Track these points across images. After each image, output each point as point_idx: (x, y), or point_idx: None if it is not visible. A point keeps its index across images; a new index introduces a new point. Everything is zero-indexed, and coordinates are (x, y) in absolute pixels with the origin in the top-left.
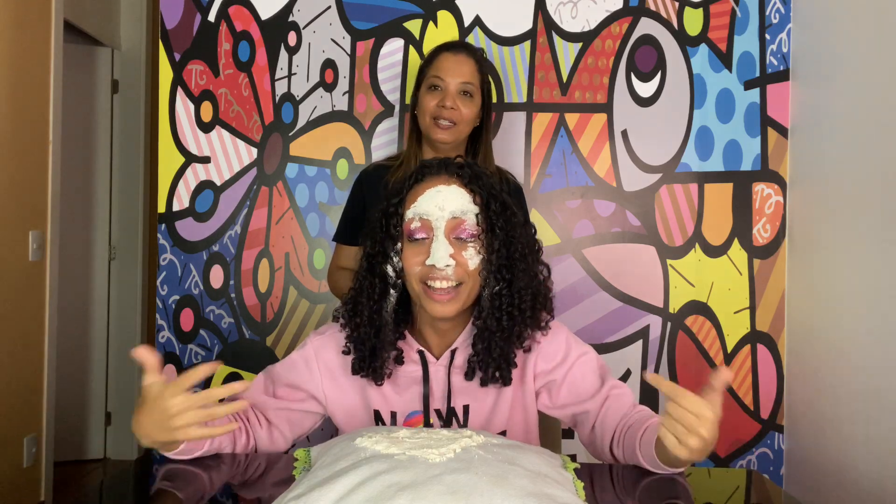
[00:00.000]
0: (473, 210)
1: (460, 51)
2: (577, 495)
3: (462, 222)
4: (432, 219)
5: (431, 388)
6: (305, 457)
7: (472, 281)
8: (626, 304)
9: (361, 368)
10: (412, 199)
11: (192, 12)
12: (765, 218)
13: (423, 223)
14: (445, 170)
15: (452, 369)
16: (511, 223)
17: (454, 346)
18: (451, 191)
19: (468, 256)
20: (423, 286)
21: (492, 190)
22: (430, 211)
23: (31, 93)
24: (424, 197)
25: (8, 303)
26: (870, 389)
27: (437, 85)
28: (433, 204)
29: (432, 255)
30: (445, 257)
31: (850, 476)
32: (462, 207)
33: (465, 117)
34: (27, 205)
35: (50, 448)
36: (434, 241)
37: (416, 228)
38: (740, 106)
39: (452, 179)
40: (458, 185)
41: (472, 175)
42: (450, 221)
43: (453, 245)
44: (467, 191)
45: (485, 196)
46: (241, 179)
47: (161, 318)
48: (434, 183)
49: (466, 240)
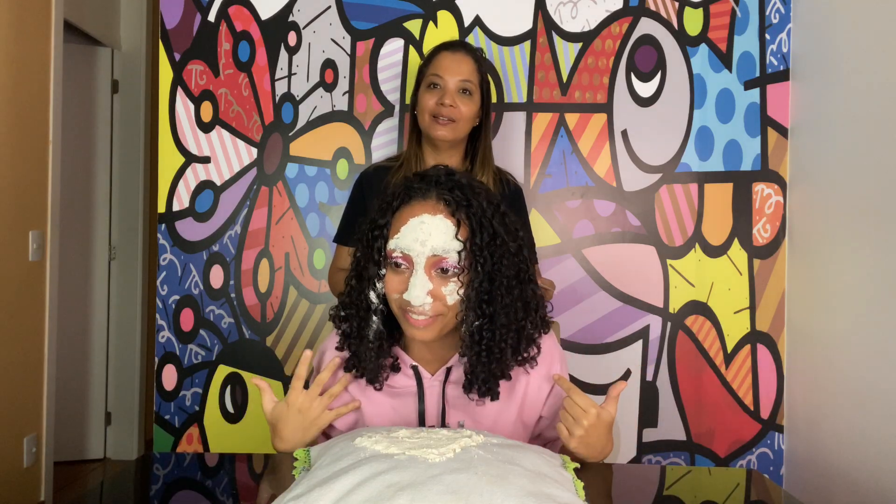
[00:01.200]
0: (456, 247)
1: (459, 49)
2: (577, 495)
3: (443, 259)
4: (413, 254)
5: (426, 405)
6: (305, 457)
7: (452, 313)
8: (626, 304)
9: (355, 367)
10: (396, 226)
11: (192, 12)
12: (765, 218)
13: (403, 256)
14: (435, 190)
15: (447, 385)
16: (498, 254)
17: (449, 364)
18: (435, 223)
19: (447, 292)
20: (402, 312)
21: (481, 218)
22: (411, 246)
23: (31, 93)
24: (408, 228)
25: (8, 303)
26: (870, 389)
27: (437, 83)
28: (415, 238)
29: (409, 291)
30: (422, 296)
31: (850, 476)
32: (444, 245)
33: (465, 115)
34: (27, 205)
35: (50, 448)
36: (413, 276)
37: (398, 258)
38: (740, 106)
39: (439, 207)
40: (445, 216)
41: (462, 199)
42: (430, 258)
43: (433, 280)
44: (453, 222)
45: (472, 226)
46: (241, 179)
47: (161, 318)
48: (419, 210)
49: (447, 274)
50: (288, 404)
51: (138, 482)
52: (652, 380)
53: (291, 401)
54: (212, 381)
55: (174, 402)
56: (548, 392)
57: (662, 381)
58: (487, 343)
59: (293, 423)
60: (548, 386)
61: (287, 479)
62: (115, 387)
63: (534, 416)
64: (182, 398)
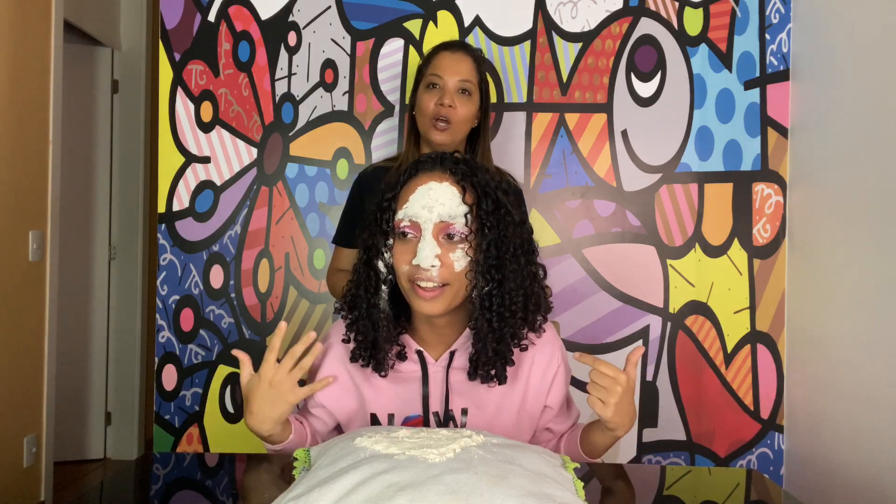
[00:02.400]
0: (463, 211)
1: (458, 49)
2: (577, 495)
3: (450, 225)
4: (420, 220)
5: (430, 389)
6: (305, 457)
7: (458, 282)
8: (626, 304)
9: (362, 357)
10: (404, 196)
11: (192, 12)
12: (765, 218)
13: (412, 224)
14: (440, 165)
15: (451, 371)
16: (504, 222)
17: (453, 347)
18: (442, 189)
19: (455, 258)
20: (411, 284)
21: (486, 188)
22: (418, 213)
23: (31, 93)
24: (415, 196)
25: (8, 303)
26: (870, 389)
27: (436, 83)
28: (422, 205)
29: (418, 254)
30: (430, 258)
31: (850, 476)
32: (451, 211)
33: (463, 116)
34: (27, 205)
35: (50, 448)
36: (421, 241)
37: (406, 227)
38: (740, 106)
39: (445, 176)
40: (451, 183)
41: (467, 171)
42: (437, 224)
43: (441, 245)
44: (459, 188)
45: (477, 193)
46: (241, 179)
47: (161, 318)
48: (426, 179)
49: (455, 240)
50: (259, 377)
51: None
52: (652, 380)
53: (263, 373)
54: (212, 381)
55: (174, 402)
56: (551, 378)
57: (662, 381)
58: (498, 308)
59: (263, 397)
60: (551, 372)
61: (287, 479)
62: (115, 387)
63: (538, 405)
64: (182, 398)
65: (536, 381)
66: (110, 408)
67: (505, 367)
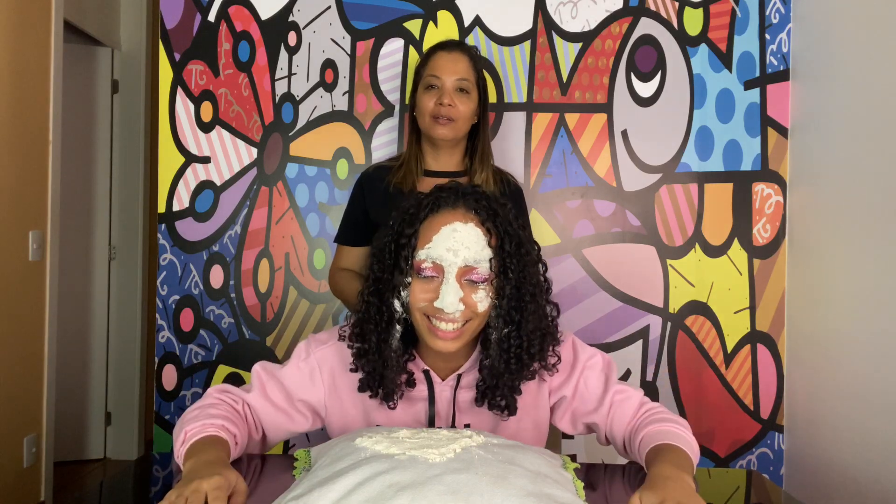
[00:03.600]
0: (487, 256)
1: (454, 49)
2: (577, 495)
3: (474, 270)
4: (445, 264)
5: (437, 408)
6: (305, 457)
7: (480, 319)
8: (626, 304)
9: (370, 388)
10: (426, 235)
11: (192, 12)
12: (765, 218)
13: (434, 266)
14: (462, 200)
15: (459, 391)
16: (524, 262)
17: (461, 370)
18: (467, 231)
19: (478, 299)
20: (427, 321)
21: (508, 228)
22: (443, 256)
23: (31, 93)
24: (439, 237)
25: (8, 303)
26: (870, 389)
27: (434, 84)
28: (447, 247)
29: (442, 298)
30: (455, 303)
31: (850, 476)
32: (476, 256)
33: (463, 113)
34: (27, 205)
35: (50, 448)
36: (444, 285)
37: (428, 269)
38: (740, 106)
39: (469, 216)
40: (475, 224)
41: (489, 212)
42: (462, 269)
43: (463, 287)
44: (483, 231)
45: (500, 237)
46: (241, 179)
47: (161, 318)
48: (450, 219)
49: (477, 284)
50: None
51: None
52: (652, 380)
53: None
54: (212, 382)
55: (174, 402)
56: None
57: (662, 381)
58: (516, 350)
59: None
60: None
61: (287, 479)
62: (115, 387)
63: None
64: (182, 398)
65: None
66: (110, 408)
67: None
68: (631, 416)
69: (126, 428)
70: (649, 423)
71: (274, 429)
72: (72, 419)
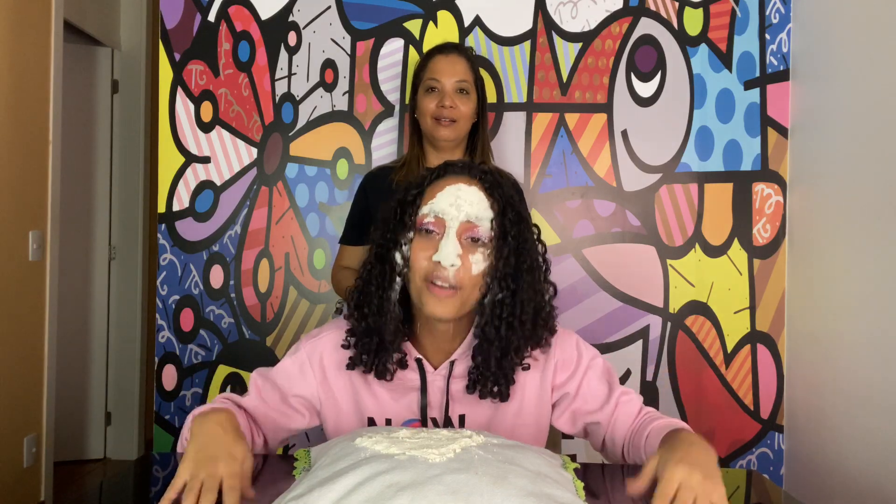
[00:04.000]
0: (489, 216)
1: (451, 51)
2: (577, 495)
3: (475, 227)
4: (447, 218)
5: (429, 398)
6: (305, 457)
7: (471, 287)
8: (626, 304)
9: (363, 363)
10: (431, 193)
11: (192, 12)
12: (765, 218)
13: (437, 220)
14: (469, 171)
15: (451, 379)
16: (524, 235)
17: (453, 357)
18: (470, 192)
19: (474, 261)
20: (425, 283)
21: (510, 200)
22: (445, 210)
23: (31, 93)
24: (444, 193)
25: (8, 303)
26: (870, 389)
27: (434, 87)
28: (450, 203)
29: (440, 251)
30: (452, 256)
31: (850, 476)
32: (478, 213)
33: (465, 114)
34: (27, 205)
35: (50, 448)
36: (444, 239)
37: (430, 223)
38: (740, 106)
39: (474, 181)
40: (479, 189)
41: (494, 182)
42: (464, 224)
43: (463, 246)
44: (487, 195)
45: (502, 204)
46: (241, 179)
47: (161, 318)
48: (455, 181)
49: (476, 244)
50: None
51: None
52: (652, 380)
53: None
54: (212, 381)
55: (174, 402)
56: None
57: (662, 381)
58: (508, 317)
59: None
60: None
61: (287, 479)
62: (115, 387)
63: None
64: (182, 398)
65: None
66: (110, 408)
67: (508, 384)
68: (634, 417)
69: (126, 428)
70: (654, 421)
71: (273, 430)
72: (72, 419)
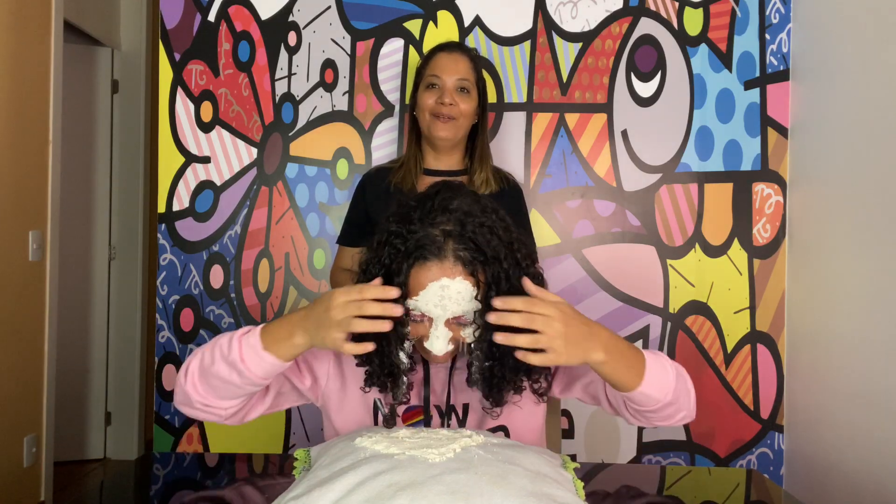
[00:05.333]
0: (474, 307)
1: (455, 50)
2: (577, 495)
3: (461, 317)
4: (433, 316)
5: (433, 387)
6: (305, 457)
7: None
8: (626, 304)
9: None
10: (414, 287)
11: (192, 12)
12: (765, 218)
13: (422, 315)
14: (451, 246)
15: (454, 371)
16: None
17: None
18: (455, 287)
19: (466, 334)
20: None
21: (498, 270)
22: (431, 311)
23: (31, 93)
24: (427, 292)
25: (8, 303)
26: (870, 389)
27: (435, 83)
28: (435, 304)
29: (431, 343)
30: (444, 347)
31: (850, 476)
32: (464, 308)
33: (464, 112)
34: (27, 205)
35: (50, 448)
36: (433, 330)
37: (417, 316)
38: (740, 106)
39: (457, 268)
40: (463, 277)
41: (478, 255)
42: (450, 319)
43: (451, 328)
44: (472, 282)
45: (488, 281)
46: (241, 179)
47: (161, 318)
48: (437, 273)
49: (465, 323)
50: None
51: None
52: None
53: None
54: None
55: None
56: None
57: None
58: (498, 381)
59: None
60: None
61: (287, 479)
62: (115, 387)
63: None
64: None
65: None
66: (110, 408)
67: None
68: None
69: (126, 428)
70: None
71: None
72: (72, 419)
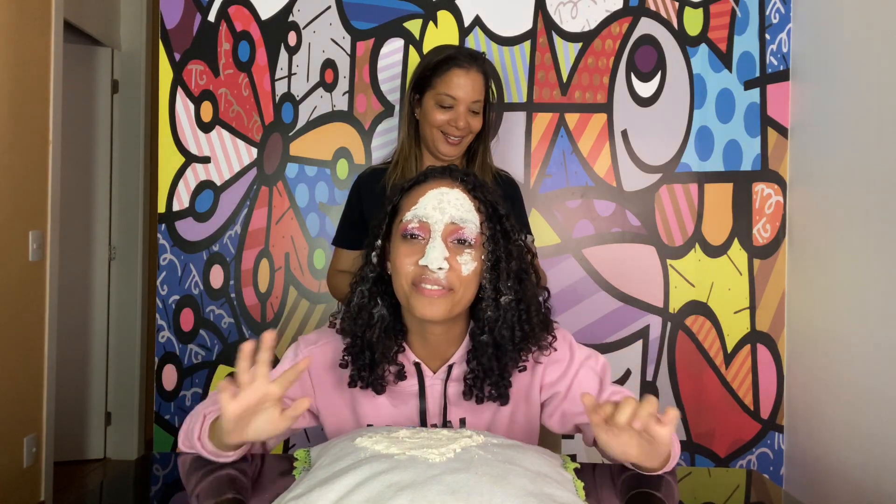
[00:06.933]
0: (474, 218)
1: (471, 67)
2: (577, 495)
3: (461, 228)
4: (431, 221)
5: (427, 403)
6: (305, 457)
7: (464, 288)
8: (626, 304)
9: (361, 379)
10: (413, 200)
11: (192, 12)
12: (765, 218)
13: (421, 224)
14: (450, 175)
15: (449, 383)
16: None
17: (451, 361)
18: (454, 194)
19: (463, 262)
20: (413, 287)
21: (495, 204)
22: (429, 214)
23: (31, 93)
24: (426, 198)
25: (8, 303)
26: (869, 389)
27: (450, 104)
28: (433, 206)
29: (426, 255)
30: (440, 259)
31: (850, 476)
32: (462, 215)
33: (474, 130)
34: (27, 205)
35: (50, 448)
36: (430, 242)
37: (414, 228)
38: (740, 106)
39: (457, 184)
40: (462, 191)
41: (477, 184)
42: (448, 226)
43: (449, 249)
44: (470, 198)
45: (488, 206)
46: (241, 179)
47: (161, 318)
48: (437, 185)
49: (464, 245)
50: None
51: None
52: (652, 380)
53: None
54: (212, 382)
55: (174, 402)
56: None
57: (662, 381)
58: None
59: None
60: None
61: (287, 479)
62: (115, 387)
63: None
64: (182, 398)
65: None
66: (110, 408)
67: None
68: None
69: (126, 428)
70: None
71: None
72: (72, 419)
